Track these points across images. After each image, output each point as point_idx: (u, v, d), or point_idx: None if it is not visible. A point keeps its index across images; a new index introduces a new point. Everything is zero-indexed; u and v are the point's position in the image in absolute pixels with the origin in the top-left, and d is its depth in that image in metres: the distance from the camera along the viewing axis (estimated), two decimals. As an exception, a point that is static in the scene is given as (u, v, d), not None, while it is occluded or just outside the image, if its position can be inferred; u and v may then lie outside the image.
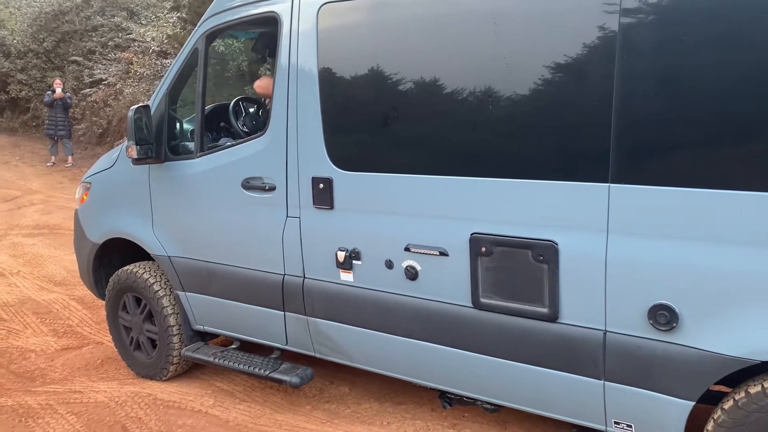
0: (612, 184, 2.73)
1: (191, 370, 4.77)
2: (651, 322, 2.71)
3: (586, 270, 2.85)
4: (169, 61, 13.29)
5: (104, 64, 15.29)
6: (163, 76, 3.80)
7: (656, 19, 2.63)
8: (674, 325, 2.66)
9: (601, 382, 2.89)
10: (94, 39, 16.29)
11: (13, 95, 17.01)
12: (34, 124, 17.32)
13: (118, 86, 14.60)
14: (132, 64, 14.56)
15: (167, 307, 4.44)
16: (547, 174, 2.90)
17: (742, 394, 2.62)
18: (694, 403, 2.70)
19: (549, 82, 2.87)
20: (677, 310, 2.65)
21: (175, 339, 4.45)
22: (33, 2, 17.32)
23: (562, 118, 2.87)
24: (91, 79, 15.40)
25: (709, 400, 2.77)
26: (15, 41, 17.09)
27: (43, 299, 6.73)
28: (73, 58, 16.26)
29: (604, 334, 2.85)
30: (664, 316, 2.68)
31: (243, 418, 4.08)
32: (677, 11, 2.60)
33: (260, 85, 4.48)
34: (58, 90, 14.35)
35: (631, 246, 2.73)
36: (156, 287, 4.46)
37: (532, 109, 2.96)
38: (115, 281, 4.72)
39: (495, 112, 3.03)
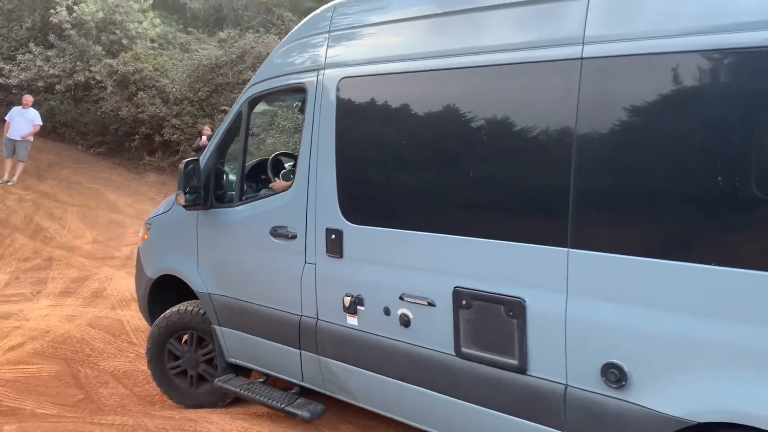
0: (570, 249, 2.97)
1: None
2: (603, 379, 2.89)
3: (549, 327, 3.07)
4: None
5: (250, 116, 16.16)
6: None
7: (612, 96, 2.90)
8: (623, 383, 2.83)
9: (562, 433, 3.07)
10: (244, 91, 17.27)
11: (166, 138, 17.95)
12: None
13: (261, 137, 15.36)
14: (276, 116, 15.30)
15: None
16: (517, 236, 3.17)
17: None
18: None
19: (517, 155, 3.22)
20: (626, 369, 2.82)
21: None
22: (194, 55, 18.55)
23: (528, 184, 3.16)
24: (237, 128, 16.24)
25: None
26: (174, 89, 18.14)
27: (169, 329, 7.16)
28: (223, 107, 16.98)
29: (565, 387, 3.04)
30: (614, 374, 2.85)
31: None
32: (634, 93, 2.85)
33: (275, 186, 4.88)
34: (204, 138, 15.39)
35: (586, 307, 2.94)
36: None
37: (503, 176, 3.28)
38: (162, 324, 5.09)
39: (473, 177, 3.36)
